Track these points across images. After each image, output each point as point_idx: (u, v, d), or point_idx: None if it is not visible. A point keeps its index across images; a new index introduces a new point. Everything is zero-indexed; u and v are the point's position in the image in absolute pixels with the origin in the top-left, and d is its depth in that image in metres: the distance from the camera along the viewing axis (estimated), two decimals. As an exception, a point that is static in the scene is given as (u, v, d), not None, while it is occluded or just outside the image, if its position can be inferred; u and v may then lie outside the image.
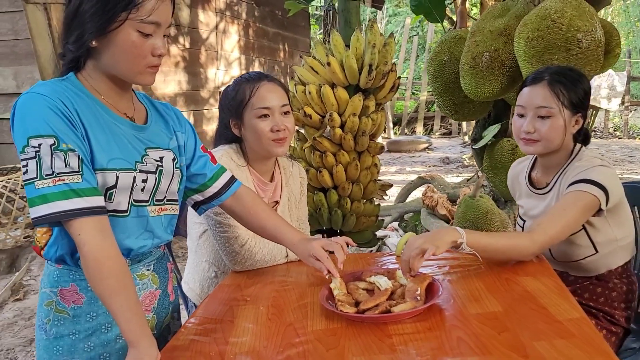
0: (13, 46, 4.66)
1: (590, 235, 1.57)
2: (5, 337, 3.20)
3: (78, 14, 1.09)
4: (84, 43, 1.10)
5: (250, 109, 1.60)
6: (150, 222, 1.24)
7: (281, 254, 1.61)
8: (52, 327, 1.20)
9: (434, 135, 11.66)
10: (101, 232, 1.08)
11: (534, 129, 1.55)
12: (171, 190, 1.28)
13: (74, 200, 1.04)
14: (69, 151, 1.06)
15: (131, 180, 1.17)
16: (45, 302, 1.22)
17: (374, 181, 2.08)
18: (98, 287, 1.07)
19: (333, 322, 1.19)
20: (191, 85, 5.89)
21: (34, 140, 1.04)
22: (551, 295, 1.24)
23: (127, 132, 1.20)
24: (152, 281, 1.32)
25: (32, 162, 1.04)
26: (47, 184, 1.04)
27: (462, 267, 1.46)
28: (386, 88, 2.02)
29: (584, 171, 1.51)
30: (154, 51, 1.13)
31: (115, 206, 1.16)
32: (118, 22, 1.07)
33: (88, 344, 1.21)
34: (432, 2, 2.40)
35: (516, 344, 1.03)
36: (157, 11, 1.10)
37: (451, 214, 3.56)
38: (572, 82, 1.55)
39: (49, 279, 1.22)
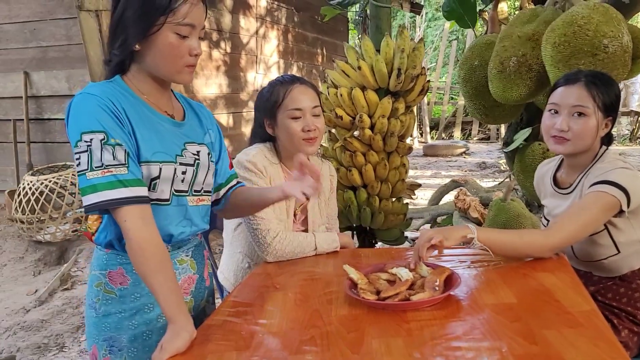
0: (67, 51, 4.93)
1: (613, 235, 1.60)
2: (55, 323, 3.40)
3: (122, 20, 1.21)
4: (128, 47, 1.22)
5: (284, 110, 1.70)
6: (189, 211, 1.35)
7: (310, 246, 1.70)
8: (101, 306, 1.32)
9: (472, 140, 11.55)
10: (144, 219, 1.19)
11: (567, 127, 1.57)
12: (207, 182, 1.40)
13: (120, 190, 1.16)
14: (117, 145, 1.17)
15: (172, 171, 1.28)
16: (95, 283, 1.33)
17: (402, 180, 2.15)
18: (141, 268, 1.18)
19: (355, 308, 1.28)
20: (231, 88, 6.07)
21: (87, 135, 1.16)
22: (566, 289, 1.29)
23: (168, 128, 1.31)
24: (190, 266, 1.43)
25: (84, 155, 1.16)
26: (96, 174, 1.15)
27: (482, 262, 1.52)
28: (415, 91, 2.09)
29: (605, 172, 1.53)
30: (191, 51, 1.24)
31: (158, 195, 1.28)
32: (157, 25, 1.19)
33: (132, 322, 1.32)
34: (464, 8, 2.45)
35: (526, 331, 1.09)
36: (191, 14, 1.21)
37: (483, 217, 3.58)
38: (606, 86, 1.57)
39: (98, 263, 1.34)
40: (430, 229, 1.42)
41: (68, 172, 4.43)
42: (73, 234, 4.43)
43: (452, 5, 2.47)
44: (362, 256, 1.68)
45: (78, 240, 4.51)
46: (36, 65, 5.05)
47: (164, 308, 1.18)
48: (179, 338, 1.14)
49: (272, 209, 1.70)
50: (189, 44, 1.23)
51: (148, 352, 1.25)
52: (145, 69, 1.26)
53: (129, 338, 1.32)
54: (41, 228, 4.37)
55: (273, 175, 1.73)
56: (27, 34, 5.06)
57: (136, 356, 1.32)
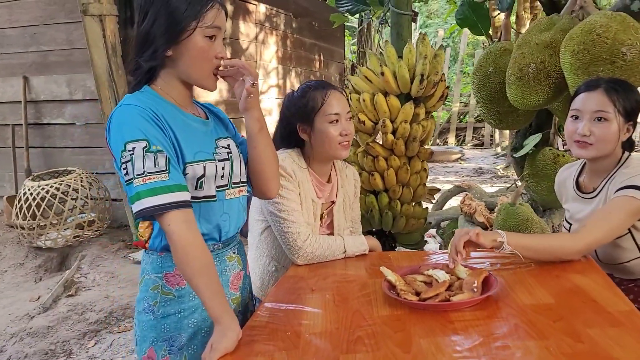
0: (68, 55, 4.92)
1: (636, 238, 1.64)
2: (60, 329, 3.38)
3: (151, 31, 1.26)
4: (160, 54, 1.27)
5: (322, 115, 1.73)
6: (230, 204, 1.40)
7: (340, 249, 1.72)
8: (159, 308, 1.34)
9: (466, 146, 11.66)
10: (187, 222, 1.22)
11: (589, 132, 1.61)
12: (242, 172, 1.45)
13: (161, 196, 1.19)
14: (158, 152, 1.21)
15: (214, 169, 1.33)
16: (151, 287, 1.36)
17: (423, 185, 2.18)
18: (186, 270, 1.21)
19: (396, 309, 1.30)
20: (231, 93, 6.07)
21: (130, 144, 1.20)
22: (600, 289, 1.33)
23: (199, 128, 1.36)
24: (237, 263, 1.47)
25: (129, 165, 1.20)
26: (139, 182, 1.19)
27: (513, 264, 1.55)
28: (436, 97, 2.13)
29: (631, 177, 1.57)
30: (217, 54, 1.30)
31: (206, 192, 1.32)
32: (189, 30, 1.25)
33: (192, 320, 1.36)
34: (478, 16, 2.50)
35: (571, 331, 1.12)
36: (217, 17, 1.28)
37: (489, 221, 3.62)
38: (626, 92, 1.62)
39: (152, 267, 1.36)
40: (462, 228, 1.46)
41: (70, 178, 4.40)
42: (74, 240, 4.41)
43: (466, 13, 2.52)
44: (391, 259, 1.71)
45: (80, 246, 4.48)
46: (36, 69, 5.03)
47: (209, 309, 1.21)
48: (227, 338, 1.16)
49: (300, 212, 1.72)
50: (216, 48, 1.29)
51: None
52: (175, 75, 1.32)
53: (188, 336, 1.35)
54: (42, 234, 4.34)
55: (302, 179, 1.75)
56: (27, 38, 5.04)
57: (196, 353, 1.34)
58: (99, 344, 3.22)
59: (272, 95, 7.02)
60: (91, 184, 4.45)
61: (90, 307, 3.60)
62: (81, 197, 4.35)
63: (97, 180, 4.55)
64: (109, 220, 4.61)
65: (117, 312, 3.51)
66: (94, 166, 4.93)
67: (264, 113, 6.49)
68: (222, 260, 1.41)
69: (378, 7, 2.87)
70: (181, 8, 1.25)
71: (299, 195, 1.73)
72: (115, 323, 3.43)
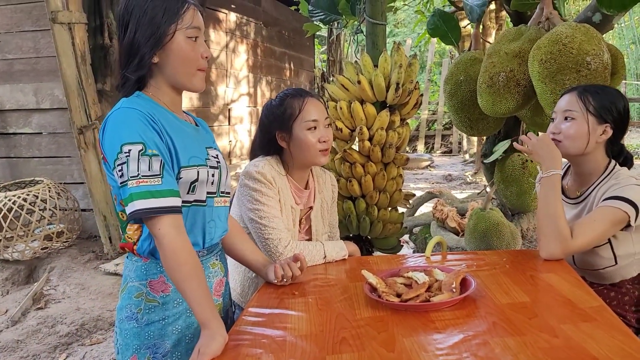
0: (34, 63, 4.82)
1: (614, 248, 1.70)
2: (30, 343, 3.29)
3: (135, 41, 1.28)
4: (146, 63, 1.29)
5: (300, 122, 1.75)
6: (218, 211, 1.43)
7: (320, 255, 1.74)
8: (143, 316, 1.34)
9: (435, 153, 11.86)
10: (176, 227, 1.23)
11: (558, 130, 1.70)
12: (228, 183, 1.48)
13: (152, 200, 1.21)
14: (153, 156, 1.23)
15: (206, 174, 1.36)
16: (135, 294, 1.35)
17: (399, 190, 2.23)
18: (174, 274, 1.22)
19: (379, 310, 1.33)
20: (202, 102, 6.06)
21: (126, 146, 1.22)
22: (572, 288, 1.39)
23: (192, 133, 1.39)
24: (220, 269, 1.49)
25: (124, 167, 1.22)
26: (132, 184, 1.21)
27: (489, 265, 1.61)
28: (410, 104, 2.18)
29: (619, 189, 1.63)
30: (203, 53, 1.33)
31: (197, 197, 1.35)
32: (170, 34, 1.28)
33: (176, 327, 1.36)
34: (448, 26, 2.57)
35: (546, 326, 1.17)
36: (195, 18, 1.32)
37: (460, 226, 3.71)
38: (600, 94, 1.69)
39: (136, 274, 1.36)
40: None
41: (37, 188, 4.30)
42: (43, 252, 4.30)
43: (437, 24, 2.59)
44: (370, 263, 1.74)
45: (48, 257, 4.38)
46: (1, 78, 4.90)
47: (197, 313, 1.21)
48: (215, 342, 1.17)
49: (280, 219, 1.74)
50: (199, 48, 1.33)
51: (191, 354, 1.28)
52: (163, 81, 1.34)
53: (172, 343, 1.36)
54: (8, 246, 4.22)
55: (281, 186, 1.77)
56: (-8, 46, 4.92)
57: (180, 359, 1.36)
58: (70, 357, 3.15)
59: (243, 104, 7.01)
60: (59, 194, 4.36)
61: (60, 319, 3.52)
62: (49, 208, 4.25)
63: (65, 190, 4.46)
64: (78, 231, 4.52)
65: (89, 325, 3.44)
66: (62, 176, 4.83)
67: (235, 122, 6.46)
68: (206, 267, 1.42)
69: (350, 17, 2.92)
70: (159, 14, 1.28)
71: (278, 202, 1.75)
72: (87, 335, 3.36)
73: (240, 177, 1.79)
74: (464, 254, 1.81)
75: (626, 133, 1.80)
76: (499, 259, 1.66)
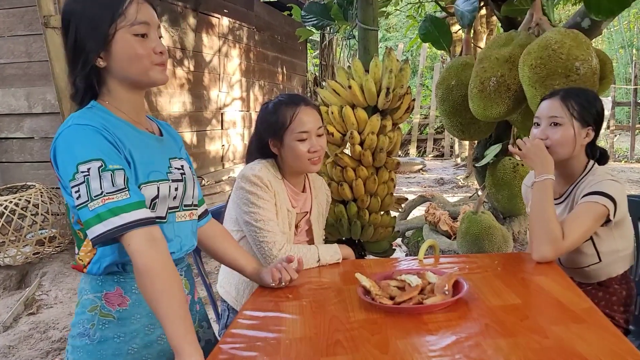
0: (26, 68, 4.81)
1: (596, 244, 1.73)
2: (22, 349, 3.27)
3: (77, 43, 1.18)
4: (90, 64, 1.18)
5: (291, 132, 1.75)
6: (181, 227, 1.34)
7: (314, 258, 1.76)
8: (96, 332, 1.24)
9: (427, 157, 11.92)
10: (150, 240, 1.14)
11: (546, 137, 1.72)
12: (195, 195, 1.40)
13: (122, 216, 1.12)
14: (116, 171, 1.14)
15: (168, 189, 1.27)
16: (88, 308, 1.26)
17: (390, 194, 2.24)
18: (147, 292, 1.12)
19: (372, 313, 1.34)
20: (195, 106, 6.06)
21: (83, 165, 1.12)
22: (562, 290, 1.41)
23: (154, 145, 1.30)
24: (185, 286, 1.39)
25: (82, 187, 1.11)
26: (98, 204, 1.11)
27: (481, 268, 1.62)
28: (402, 109, 2.20)
29: (596, 184, 1.67)
30: (154, 49, 1.22)
31: (157, 214, 1.26)
32: (112, 33, 1.18)
33: (132, 346, 1.26)
34: (440, 31, 2.61)
35: (537, 328, 1.19)
36: (140, 12, 1.20)
37: (453, 229, 3.73)
38: (583, 98, 1.72)
39: (91, 286, 1.27)
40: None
41: (29, 193, 4.28)
42: (35, 257, 4.28)
43: (429, 29, 2.62)
44: (364, 266, 1.75)
45: (40, 262, 4.36)
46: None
47: (170, 336, 1.10)
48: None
49: (276, 222, 1.75)
50: (150, 44, 1.22)
51: None
52: (118, 83, 1.23)
53: None
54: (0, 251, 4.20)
55: (277, 189, 1.78)
56: (-17, 50, 4.90)
57: None
58: (63, 362, 3.14)
59: (236, 108, 7.02)
60: (51, 199, 4.34)
61: (53, 325, 3.51)
62: (41, 213, 4.24)
63: (57, 195, 4.44)
64: (70, 236, 4.50)
65: (81, 330, 3.42)
66: (53, 181, 4.80)
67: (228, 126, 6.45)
68: None
69: (343, 22, 2.95)
70: (98, 10, 1.18)
71: (274, 205, 1.76)
72: (79, 341, 3.34)
73: (237, 180, 1.79)
74: (456, 257, 1.83)
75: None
76: (491, 262, 1.68)
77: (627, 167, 10.01)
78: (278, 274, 1.53)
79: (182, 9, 5.74)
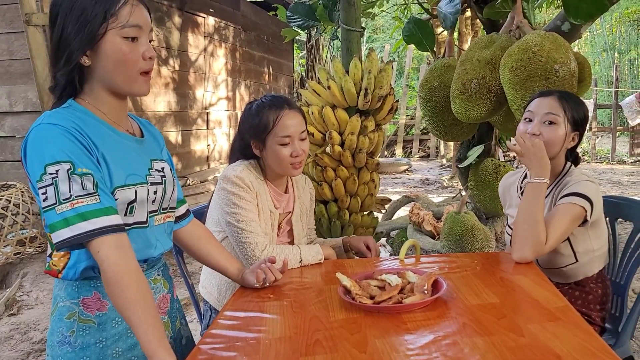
0: (8, 66, 4.75)
1: (573, 245, 1.76)
2: (3, 350, 3.24)
3: (63, 38, 1.14)
4: (74, 62, 1.14)
5: (273, 136, 1.73)
6: (159, 229, 1.33)
7: (296, 259, 1.76)
8: (77, 339, 1.22)
9: (413, 158, 11.98)
10: (119, 248, 1.11)
11: (539, 132, 1.72)
12: (173, 197, 1.38)
13: (92, 221, 1.09)
14: (85, 175, 1.10)
15: (146, 193, 1.25)
16: (65, 315, 1.23)
17: (371, 195, 2.26)
18: (117, 300, 1.10)
19: (352, 313, 1.35)
20: (180, 105, 6.03)
21: (51, 167, 1.09)
22: (539, 289, 1.43)
23: (133, 147, 1.27)
24: (163, 285, 1.39)
25: (50, 189, 1.08)
26: (66, 207, 1.08)
27: (460, 268, 1.64)
28: (385, 110, 2.21)
29: (573, 185, 1.69)
30: (144, 54, 1.18)
31: (136, 219, 1.24)
32: (101, 33, 1.13)
33: (116, 349, 1.24)
34: (423, 33, 2.63)
35: (513, 326, 1.21)
36: (134, 15, 1.16)
37: (436, 230, 3.76)
38: (576, 103, 1.75)
39: (67, 292, 1.23)
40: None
41: (10, 192, 4.23)
42: (16, 257, 4.23)
43: (412, 30, 2.64)
44: (345, 266, 1.76)
45: (21, 263, 4.31)
46: (-27, 80, 4.82)
47: (144, 343, 1.08)
48: None
49: (258, 223, 1.75)
50: (140, 48, 1.18)
51: None
52: (100, 85, 1.20)
53: None
54: (-20, 251, 4.15)
55: (259, 190, 1.78)
56: (-36, 48, 4.83)
57: None
58: (43, 363, 3.11)
59: (222, 108, 7.00)
60: (32, 199, 4.29)
61: (33, 326, 3.47)
62: (22, 213, 4.19)
63: (39, 194, 4.39)
64: (52, 237, 4.45)
65: (63, 331, 3.39)
66: (35, 180, 4.75)
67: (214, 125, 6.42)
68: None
69: (328, 23, 2.96)
70: (88, 7, 1.13)
71: (256, 206, 1.76)
72: (61, 342, 3.31)
73: (219, 181, 1.79)
74: (437, 257, 1.85)
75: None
76: (471, 262, 1.70)
77: (608, 169, 10.15)
78: (263, 274, 1.52)
79: (168, 8, 5.71)
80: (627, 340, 1.81)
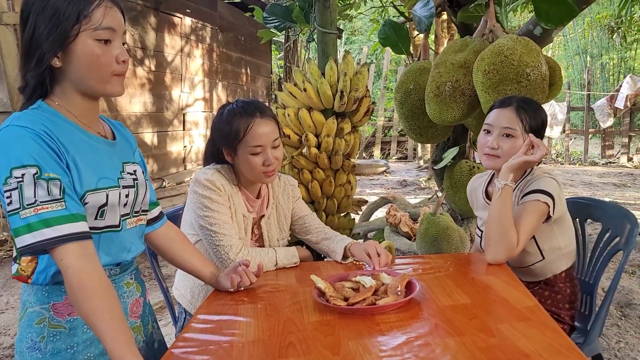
0: (-22, 66, 4.64)
1: (538, 242, 1.80)
2: (-29, 355, 3.16)
3: (34, 38, 1.12)
4: (45, 63, 1.12)
5: (244, 145, 1.69)
6: (131, 233, 1.31)
7: (271, 261, 1.75)
8: (47, 344, 1.20)
9: (391, 159, 12.05)
10: (84, 256, 1.10)
11: (497, 146, 1.77)
12: (145, 200, 1.36)
13: (56, 228, 1.07)
14: (51, 180, 1.09)
15: (118, 196, 1.23)
16: (35, 320, 1.21)
17: (347, 197, 2.26)
18: (83, 308, 1.08)
19: (326, 315, 1.35)
20: (156, 106, 5.97)
21: (17, 171, 1.07)
22: (509, 289, 1.46)
23: (104, 149, 1.25)
24: (136, 289, 1.38)
25: (15, 193, 1.06)
26: (30, 213, 1.06)
27: (434, 269, 1.66)
28: (361, 112, 2.23)
29: (536, 182, 1.74)
30: (117, 58, 1.17)
31: (107, 222, 1.22)
32: (73, 35, 1.12)
33: (87, 355, 1.23)
34: (399, 36, 2.65)
35: (484, 327, 1.23)
36: (107, 17, 1.15)
37: (413, 231, 3.79)
38: (534, 111, 1.79)
39: (36, 297, 1.21)
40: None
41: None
42: (-15, 261, 4.15)
43: (388, 33, 2.66)
44: (320, 268, 1.77)
45: (-9, 266, 4.22)
46: (-59, 80, 4.70)
47: (111, 350, 1.06)
48: None
49: (231, 225, 1.74)
50: (113, 51, 1.16)
51: None
52: (72, 86, 1.18)
53: None
54: (-52, 255, 4.05)
55: (232, 194, 1.76)
56: None
57: None
58: (14, 370, 3.04)
59: (199, 109, 6.95)
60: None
61: (4, 331, 3.40)
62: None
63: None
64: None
65: (35, 336, 3.32)
66: (7, 182, 4.65)
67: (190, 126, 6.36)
68: (119, 286, 1.31)
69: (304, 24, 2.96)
70: (61, 8, 1.11)
71: (229, 209, 1.75)
72: (32, 347, 3.24)
73: (190, 184, 1.78)
74: (411, 258, 1.87)
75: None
76: (444, 263, 1.72)
77: (580, 170, 10.36)
78: (238, 278, 1.51)
79: (143, 8, 5.65)
80: (596, 338, 1.85)
